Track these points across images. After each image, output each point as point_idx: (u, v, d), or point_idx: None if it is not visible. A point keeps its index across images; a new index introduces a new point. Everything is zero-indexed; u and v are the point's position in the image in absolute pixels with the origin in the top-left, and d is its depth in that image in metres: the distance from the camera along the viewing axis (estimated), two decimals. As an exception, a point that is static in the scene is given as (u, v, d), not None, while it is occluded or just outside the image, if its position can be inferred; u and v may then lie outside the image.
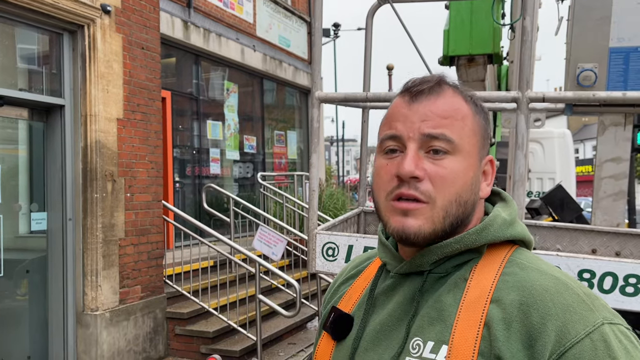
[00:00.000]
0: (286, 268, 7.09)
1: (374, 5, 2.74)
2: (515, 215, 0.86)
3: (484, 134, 0.86)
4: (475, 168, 0.83)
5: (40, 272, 4.68)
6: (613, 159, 2.56)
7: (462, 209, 0.82)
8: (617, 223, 2.53)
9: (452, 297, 0.79)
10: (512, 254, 0.82)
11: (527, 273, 0.77)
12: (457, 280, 0.81)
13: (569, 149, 9.48)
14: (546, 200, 5.40)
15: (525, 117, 1.88)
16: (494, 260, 0.81)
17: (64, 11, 4.47)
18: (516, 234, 0.84)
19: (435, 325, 0.78)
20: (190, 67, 8.67)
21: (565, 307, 0.72)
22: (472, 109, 0.86)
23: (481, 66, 3.88)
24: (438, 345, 0.77)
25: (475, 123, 0.85)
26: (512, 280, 0.77)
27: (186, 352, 5.32)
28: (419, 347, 0.79)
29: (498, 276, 0.78)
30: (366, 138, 2.70)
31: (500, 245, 0.83)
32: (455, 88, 0.86)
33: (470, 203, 0.83)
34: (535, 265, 0.79)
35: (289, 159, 11.31)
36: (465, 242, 0.81)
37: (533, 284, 0.75)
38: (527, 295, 0.74)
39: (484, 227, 0.82)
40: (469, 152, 0.82)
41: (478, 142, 0.84)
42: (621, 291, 1.74)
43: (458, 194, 0.81)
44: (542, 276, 0.76)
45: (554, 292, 0.74)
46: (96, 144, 4.70)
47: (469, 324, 0.75)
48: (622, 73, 2.26)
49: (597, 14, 2.22)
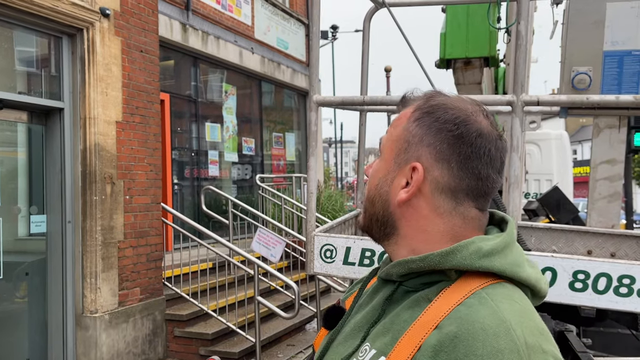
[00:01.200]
0: (285, 270, 7.10)
1: (372, 9, 2.77)
2: (501, 247, 0.80)
3: (410, 140, 0.84)
4: (384, 170, 0.88)
5: (39, 274, 4.70)
6: (608, 161, 2.59)
7: (371, 207, 0.89)
8: (612, 224, 2.56)
9: (409, 314, 0.79)
10: (485, 287, 0.77)
11: (478, 308, 0.74)
12: (420, 298, 0.80)
13: (566, 151, 9.52)
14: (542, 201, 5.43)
15: (520, 120, 1.91)
16: (463, 289, 0.78)
17: (63, 15, 4.49)
18: (491, 266, 0.78)
19: (386, 336, 0.80)
20: (188, 70, 8.69)
21: (494, 351, 0.69)
22: (412, 117, 0.86)
23: (477, 69, 3.92)
24: (378, 355, 0.78)
25: (405, 130, 0.86)
26: (462, 312, 0.74)
27: (185, 354, 5.34)
28: (365, 351, 0.81)
29: (455, 305, 0.75)
30: (364, 140, 2.73)
31: (479, 275, 0.79)
32: (422, 99, 0.88)
33: (379, 203, 0.87)
34: (496, 302, 0.74)
35: (288, 160, 11.34)
36: (429, 262, 0.80)
37: (475, 320, 0.72)
38: (463, 330, 0.71)
39: (450, 251, 0.79)
40: (385, 156, 0.89)
41: (397, 147, 0.86)
42: (615, 292, 1.76)
43: (369, 192, 0.90)
44: (490, 315, 0.72)
45: (490, 334, 0.70)
46: (95, 146, 4.72)
47: (408, 344, 0.75)
48: (616, 76, 2.29)
49: (592, 18, 2.25)
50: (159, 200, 5.47)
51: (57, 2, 4.40)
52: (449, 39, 3.80)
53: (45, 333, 4.67)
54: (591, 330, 2.80)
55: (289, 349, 5.71)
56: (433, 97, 0.88)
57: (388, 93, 12.17)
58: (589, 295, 1.75)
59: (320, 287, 6.31)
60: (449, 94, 0.90)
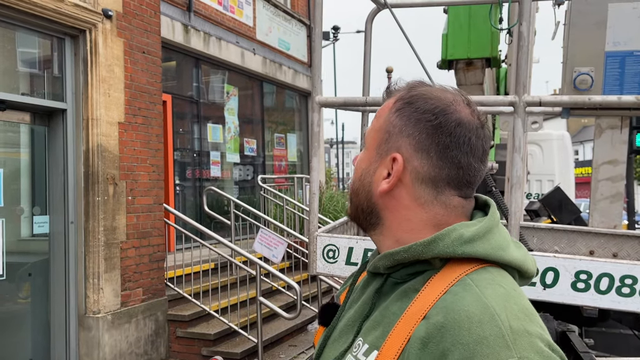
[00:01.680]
0: (287, 270, 7.11)
1: (374, 10, 2.78)
2: (483, 232, 0.80)
3: (391, 130, 0.84)
4: (367, 161, 0.88)
5: (42, 275, 4.71)
6: (610, 162, 2.59)
7: (355, 198, 0.90)
8: (614, 225, 2.56)
9: (398, 306, 0.80)
10: (470, 272, 0.77)
11: (463, 296, 0.74)
12: (408, 290, 0.81)
13: (567, 151, 9.52)
14: (544, 202, 5.43)
15: (522, 120, 1.91)
16: (449, 277, 0.78)
17: (65, 16, 4.50)
18: (473, 252, 0.78)
19: (377, 330, 0.80)
20: (190, 71, 8.71)
21: (479, 338, 0.69)
22: (393, 108, 0.86)
23: (479, 70, 3.92)
24: (371, 349, 0.79)
25: (386, 121, 0.86)
26: (448, 300, 0.74)
27: (187, 354, 5.35)
28: (358, 346, 0.81)
29: (442, 293, 0.76)
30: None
31: (464, 261, 0.79)
32: (404, 90, 0.88)
33: (362, 194, 0.88)
34: (480, 288, 0.74)
35: (289, 161, 11.35)
36: (413, 252, 0.80)
37: (460, 309, 0.72)
38: (449, 319, 0.72)
39: (432, 240, 0.79)
40: (368, 147, 0.89)
41: (378, 138, 0.86)
42: (617, 292, 1.77)
43: (353, 182, 0.91)
44: (474, 302, 0.73)
45: (474, 321, 0.70)
46: (98, 147, 4.73)
47: (398, 337, 0.75)
48: (618, 77, 2.29)
49: (593, 19, 2.25)
50: (162, 201, 5.48)
51: (60, 4, 4.42)
52: (451, 40, 3.81)
53: (48, 333, 4.68)
54: (593, 330, 2.80)
55: (291, 349, 5.71)
56: (415, 87, 0.88)
57: (390, 94, 12.16)
58: (591, 296, 1.76)
59: (322, 288, 6.31)
60: (432, 84, 0.89)
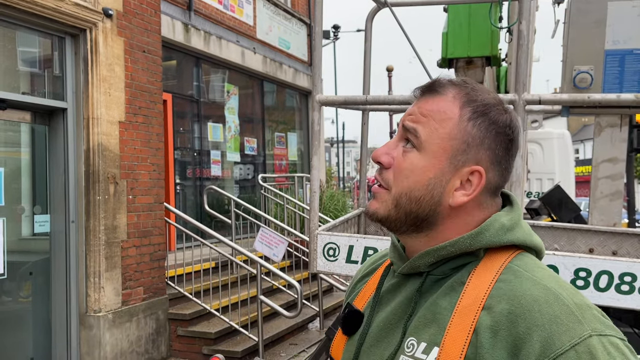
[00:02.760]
0: (287, 269, 7.12)
1: (374, 9, 2.79)
2: (517, 220, 0.85)
3: (470, 142, 0.83)
4: (437, 170, 0.83)
5: (43, 274, 4.72)
6: (609, 160, 2.59)
7: (414, 205, 0.84)
8: (613, 223, 2.57)
9: (447, 300, 0.81)
10: (511, 260, 0.82)
11: (520, 282, 0.78)
12: (454, 283, 0.82)
13: (568, 150, 9.52)
14: (545, 200, 5.44)
15: (522, 119, 1.92)
16: (492, 266, 0.81)
17: (66, 15, 4.51)
18: (515, 239, 0.83)
19: (430, 327, 0.81)
20: (191, 70, 8.71)
21: (552, 318, 0.73)
22: (465, 115, 0.84)
23: (479, 68, 3.93)
24: (430, 346, 0.79)
25: (458, 129, 0.83)
26: (505, 288, 0.78)
27: (188, 353, 5.36)
28: (412, 346, 0.82)
29: (493, 283, 0.79)
30: (366, 140, 2.74)
31: (501, 250, 0.83)
32: (460, 92, 0.85)
33: (427, 203, 0.83)
34: (530, 273, 0.79)
35: (290, 160, 11.35)
36: (460, 245, 0.82)
37: (523, 294, 0.76)
38: (516, 304, 0.75)
39: (479, 231, 0.82)
40: (434, 153, 0.83)
41: (452, 147, 0.83)
42: (617, 289, 1.77)
43: (410, 189, 0.84)
44: (533, 286, 0.77)
45: (542, 303, 0.74)
46: (98, 146, 4.74)
47: (460, 329, 0.77)
48: (617, 75, 2.30)
49: (593, 17, 2.26)
50: (162, 200, 5.49)
51: (61, 3, 4.43)
52: (451, 39, 3.81)
53: (49, 332, 4.69)
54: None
55: (291, 347, 5.72)
56: (474, 90, 0.86)
57: (390, 92, 12.17)
58: (591, 293, 1.76)
59: (323, 287, 6.33)
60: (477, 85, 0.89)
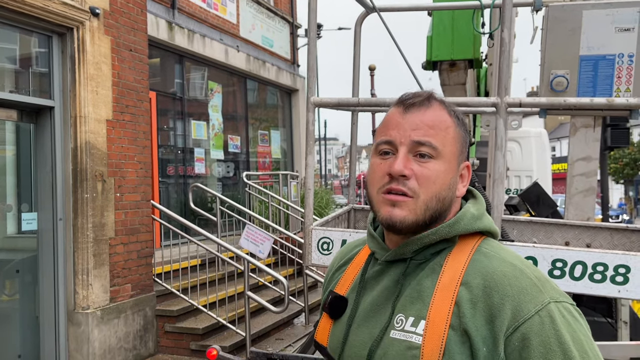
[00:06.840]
0: (273, 265, 7.21)
1: (362, 13, 2.90)
2: (483, 210, 1.03)
3: (463, 143, 1.02)
4: (453, 171, 0.99)
5: (30, 271, 4.73)
6: (584, 158, 2.76)
7: (440, 205, 0.98)
8: (587, 217, 2.73)
9: (430, 280, 0.95)
10: (480, 243, 0.98)
11: (490, 261, 0.94)
12: (435, 266, 0.97)
13: (545, 148, 9.77)
14: (523, 196, 5.62)
15: (504, 121, 2.05)
16: (465, 249, 0.97)
17: (53, 14, 4.52)
18: (483, 226, 1.00)
19: (416, 304, 0.94)
20: (174, 68, 8.72)
21: (520, 289, 0.88)
22: (455, 121, 1.01)
23: (462, 70, 4.07)
24: (417, 320, 0.93)
25: (456, 133, 1.01)
26: (478, 267, 0.93)
27: (176, 348, 5.41)
28: (401, 322, 0.95)
29: (467, 263, 0.94)
30: (356, 139, 2.85)
31: (470, 236, 0.99)
32: (442, 103, 1.02)
33: (448, 200, 0.99)
34: (497, 253, 0.96)
35: (273, 158, 11.42)
36: (441, 233, 0.98)
37: (495, 270, 0.91)
38: (489, 279, 0.90)
39: (456, 220, 0.98)
40: (449, 158, 0.98)
41: (457, 150, 1.00)
42: (590, 278, 1.92)
43: (438, 192, 0.97)
44: (502, 263, 0.93)
45: (511, 277, 0.90)
46: (86, 144, 4.76)
47: (443, 303, 0.91)
48: (591, 79, 2.45)
49: (569, 25, 2.40)
50: (149, 198, 5.53)
51: (48, 2, 4.44)
52: (435, 42, 3.95)
53: (37, 329, 4.71)
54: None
55: (277, 342, 5.82)
56: (442, 99, 1.04)
57: (372, 91, 12.33)
58: (566, 282, 1.91)
59: (308, 282, 6.43)
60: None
